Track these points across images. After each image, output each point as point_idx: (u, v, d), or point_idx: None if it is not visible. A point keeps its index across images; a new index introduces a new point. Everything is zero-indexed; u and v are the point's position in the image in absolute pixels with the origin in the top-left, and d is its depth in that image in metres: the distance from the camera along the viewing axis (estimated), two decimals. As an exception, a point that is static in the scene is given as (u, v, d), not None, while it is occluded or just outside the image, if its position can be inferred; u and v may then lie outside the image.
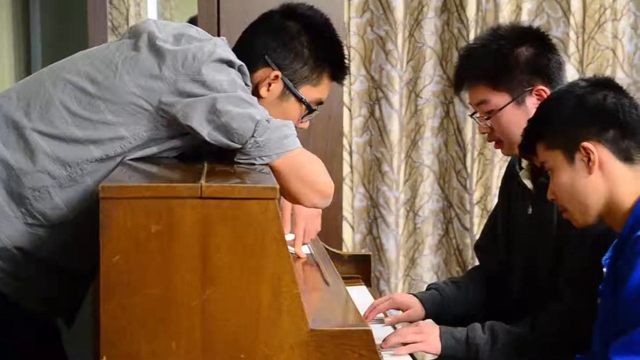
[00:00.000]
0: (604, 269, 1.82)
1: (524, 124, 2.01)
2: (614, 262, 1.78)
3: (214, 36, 1.97)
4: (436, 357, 2.09)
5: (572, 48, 3.42)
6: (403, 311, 2.25)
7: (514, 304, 2.20)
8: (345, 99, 3.37)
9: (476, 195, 3.45)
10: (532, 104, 2.08)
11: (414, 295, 2.29)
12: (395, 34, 3.35)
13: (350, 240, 3.45)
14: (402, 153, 3.44)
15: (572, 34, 3.41)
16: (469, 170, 3.42)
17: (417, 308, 2.25)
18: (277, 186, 1.58)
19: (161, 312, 1.55)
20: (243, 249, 1.56)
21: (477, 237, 3.39)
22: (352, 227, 3.45)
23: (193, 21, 3.15)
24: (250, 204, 1.56)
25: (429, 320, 2.20)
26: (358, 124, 3.43)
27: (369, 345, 1.60)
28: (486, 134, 2.18)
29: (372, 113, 3.43)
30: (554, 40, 3.36)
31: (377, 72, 3.40)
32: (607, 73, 3.41)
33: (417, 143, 3.45)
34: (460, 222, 3.46)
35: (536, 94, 2.08)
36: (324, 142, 3.23)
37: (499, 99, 2.10)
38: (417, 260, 3.50)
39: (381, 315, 2.22)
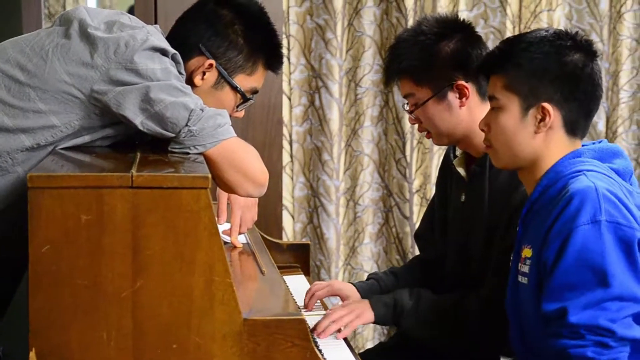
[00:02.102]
0: (518, 229, 1.87)
1: (447, 117, 2.06)
2: (523, 218, 1.83)
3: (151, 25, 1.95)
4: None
5: (509, 38, 3.45)
6: (342, 300, 2.26)
7: (448, 289, 2.23)
8: (285, 87, 3.36)
9: (415, 184, 3.47)
10: (454, 98, 2.11)
11: (353, 284, 2.31)
12: (334, 22, 3.35)
13: (291, 230, 3.45)
14: (342, 142, 3.45)
15: (508, 24, 3.45)
16: (408, 159, 3.44)
17: (356, 297, 2.26)
18: (209, 175, 1.57)
19: (91, 303, 1.53)
20: (175, 239, 1.55)
21: (417, 225, 3.43)
22: (293, 216, 3.46)
23: (131, 10, 3.12)
24: (181, 193, 1.55)
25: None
26: (298, 112, 3.43)
27: (303, 334, 1.61)
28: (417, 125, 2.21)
29: (312, 102, 3.43)
30: (491, 30, 3.46)
31: (317, 61, 3.40)
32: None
33: (357, 132, 3.46)
34: (400, 210, 3.48)
35: (457, 89, 2.10)
36: (263, 131, 3.22)
37: (421, 93, 2.12)
38: (357, 249, 3.51)
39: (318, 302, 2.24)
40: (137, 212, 1.54)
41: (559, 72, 1.79)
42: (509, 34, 3.45)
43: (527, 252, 1.80)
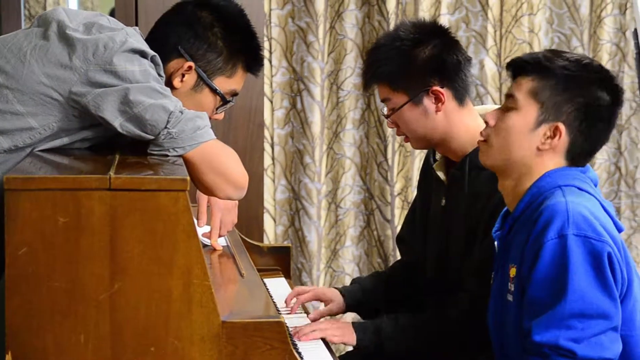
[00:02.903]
0: (495, 242, 1.85)
1: (423, 122, 2.07)
2: (506, 236, 1.82)
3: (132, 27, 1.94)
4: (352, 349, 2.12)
5: (490, 42, 3.47)
6: (325, 304, 2.27)
7: (429, 292, 2.24)
8: (267, 90, 3.36)
9: (397, 187, 3.48)
10: (430, 103, 2.11)
11: (337, 289, 2.32)
12: (316, 25, 3.36)
13: (272, 232, 3.45)
14: (324, 145, 3.45)
15: (490, 28, 3.47)
16: (390, 162, 3.44)
17: (339, 301, 2.28)
18: (188, 178, 1.57)
19: (69, 306, 1.52)
20: (153, 241, 1.55)
21: (398, 228, 3.44)
22: (274, 219, 3.45)
23: (112, 13, 3.11)
24: (159, 195, 1.54)
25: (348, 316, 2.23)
26: (280, 115, 3.43)
27: (281, 337, 1.61)
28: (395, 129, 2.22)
29: (293, 105, 3.43)
30: (472, 34, 3.47)
31: (299, 64, 3.40)
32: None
33: (338, 135, 3.46)
34: (382, 213, 3.48)
35: (433, 95, 2.11)
36: (244, 134, 3.22)
37: (397, 98, 2.13)
38: (338, 251, 3.51)
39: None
40: (115, 214, 1.53)
41: (589, 102, 1.77)
42: (490, 37, 3.47)
43: (513, 271, 1.79)
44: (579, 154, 1.80)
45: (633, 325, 1.73)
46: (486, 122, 1.85)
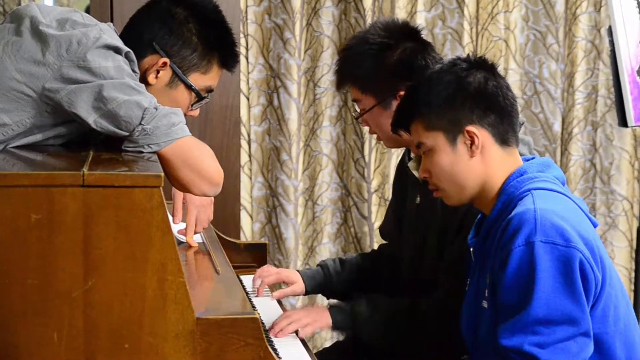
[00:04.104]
0: (471, 249, 1.86)
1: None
2: (482, 244, 1.83)
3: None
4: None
5: (466, 39, 3.48)
6: (287, 285, 2.34)
7: (404, 288, 2.25)
8: (243, 87, 3.36)
9: (374, 184, 3.48)
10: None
11: (298, 271, 2.38)
12: (292, 22, 3.35)
13: (249, 230, 3.45)
14: (301, 142, 3.45)
15: (466, 25, 3.48)
16: (366, 159, 3.45)
17: (300, 283, 2.34)
18: (162, 174, 1.56)
19: (42, 303, 1.52)
20: (127, 238, 1.54)
21: (375, 225, 3.45)
22: (251, 216, 3.45)
23: (88, 10, 3.09)
24: (133, 192, 1.54)
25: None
26: (256, 112, 3.43)
27: (256, 333, 1.60)
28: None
29: (270, 102, 3.42)
30: (449, 31, 3.48)
31: (275, 61, 3.40)
32: (500, 63, 3.49)
33: (315, 132, 3.46)
34: (359, 210, 3.49)
35: (399, 98, 2.13)
36: (221, 131, 3.21)
37: (366, 100, 2.16)
38: (316, 248, 3.51)
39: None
40: (89, 211, 1.52)
41: (466, 93, 1.82)
42: (466, 35, 3.48)
43: (489, 277, 1.80)
44: (505, 132, 1.83)
45: (607, 321, 1.74)
46: (424, 178, 1.89)
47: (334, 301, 2.31)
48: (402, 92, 2.10)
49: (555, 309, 1.66)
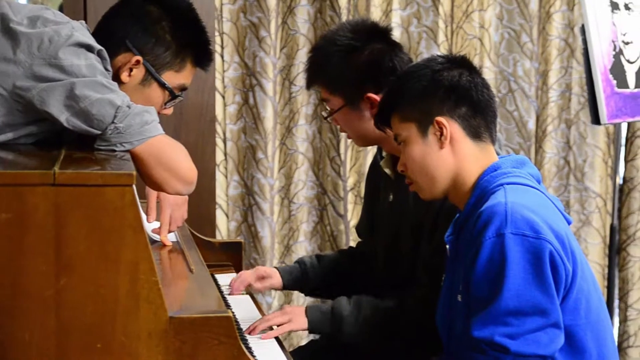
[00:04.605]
0: (447, 246, 1.87)
1: (359, 125, 2.11)
2: (456, 239, 1.84)
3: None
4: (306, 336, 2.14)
5: (441, 37, 3.49)
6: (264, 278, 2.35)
7: (379, 286, 2.25)
8: (219, 85, 3.35)
9: (350, 182, 3.49)
10: (365, 108, 2.14)
11: (276, 268, 2.39)
12: (268, 20, 3.35)
13: (225, 228, 3.44)
14: (277, 140, 3.44)
15: (441, 23, 3.49)
16: (342, 157, 3.45)
17: (278, 277, 2.35)
18: (134, 172, 1.55)
19: (12, 303, 1.50)
20: (99, 237, 1.53)
21: (352, 223, 3.46)
22: (227, 215, 3.44)
23: (61, 8, 3.07)
24: (105, 190, 1.53)
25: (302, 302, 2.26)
26: (232, 111, 3.42)
27: (229, 332, 1.60)
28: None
29: (246, 100, 3.42)
30: (424, 29, 3.49)
31: (251, 59, 3.39)
32: (475, 62, 3.50)
33: (291, 130, 3.46)
34: (335, 208, 3.49)
35: (369, 100, 2.14)
36: (196, 129, 3.20)
37: (334, 101, 2.18)
38: (292, 247, 3.51)
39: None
40: (60, 210, 1.51)
41: (440, 85, 1.85)
42: (441, 33, 3.49)
43: (462, 270, 1.81)
44: (477, 126, 1.85)
45: (578, 314, 1.75)
46: (402, 171, 1.91)
47: (310, 299, 2.32)
48: (369, 94, 2.12)
49: (525, 300, 1.68)
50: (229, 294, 2.27)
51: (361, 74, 2.12)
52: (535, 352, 1.70)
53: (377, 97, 2.12)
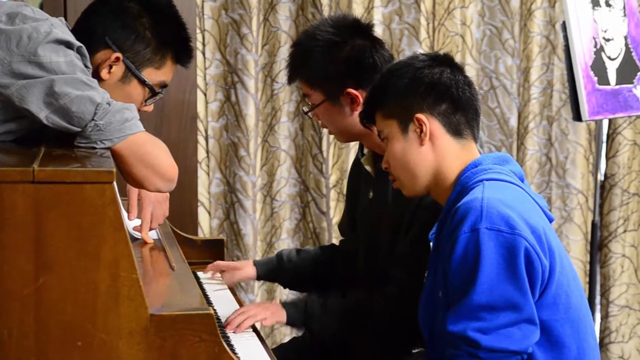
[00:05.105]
0: (431, 244, 1.88)
1: (340, 120, 2.12)
2: (438, 236, 1.84)
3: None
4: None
5: (423, 34, 3.50)
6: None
7: (360, 283, 2.26)
8: (200, 83, 3.34)
9: (332, 179, 3.49)
10: (346, 103, 2.15)
11: (254, 261, 2.43)
12: (249, 18, 3.34)
13: (207, 226, 3.43)
14: (259, 138, 3.44)
15: (422, 20, 3.49)
16: (325, 154, 3.45)
17: (251, 267, 2.39)
18: (114, 170, 1.55)
19: (-8, 301, 1.49)
20: (79, 235, 1.52)
21: (334, 220, 3.45)
22: (209, 213, 3.43)
23: (42, 5, 3.05)
24: (85, 188, 1.52)
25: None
26: (214, 108, 3.41)
27: (210, 329, 1.60)
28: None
29: (228, 97, 3.41)
30: (405, 26, 3.49)
31: (233, 56, 3.38)
32: (457, 58, 3.48)
33: (273, 127, 3.45)
34: (317, 206, 3.49)
35: (349, 96, 2.14)
36: (178, 127, 3.19)
37: (315, 96, 2.18)
38: (274, 244, 3.51)
39: None
40: (40, 207, 1.50)
41: (421, 83, 1.86)
42: (423, 30, 3.49)
43: (442, 266, 1.82)
44: (457, 123, 1.86)
45: (557, 309, 1.76)
46: (385, 169, 1.92)
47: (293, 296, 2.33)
48: (350, 89, 2.12)
49: (498, 294, 1.68)
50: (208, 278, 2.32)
51: (342, 69, 2.13)
52: (507, 348, 1.70)
53: (357, 93, 2.12)
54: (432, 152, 1.85)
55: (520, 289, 1.69)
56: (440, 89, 1.85)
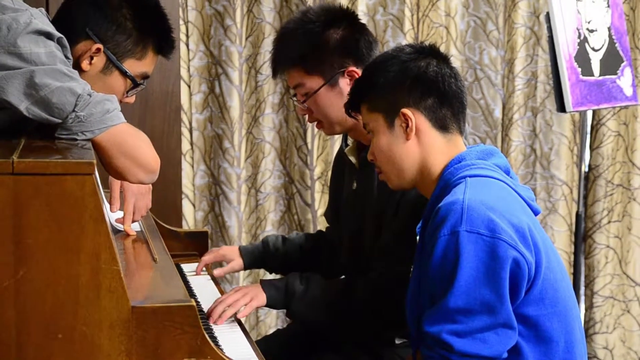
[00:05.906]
0: (417, 237, 1.87)
1: (339, 104, 2.06)
2: (424, 230, 1.84)
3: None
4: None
5: (407, 25, 3.49)
6: (227, 263, 2.39)
7: (344, 273, 2.26)
8: (184, 74, 3.33)
9: (317, 171, 3.48)
10: (345, 84, 2.12)
11: (240, 247, 2.42)
12: (233, 9, 3.33)
13: (192, 218, 3.42)
14: (243, 129, 3.43)
15: (407, 12, 3.48)
16: (309, 146, 3.44)
17: (239, 260, 2.39)
18: (94, 161, 1.54)
19: (-29, 294, 1.48)
20: (59, 227, 1.51)
21: (319, 212, 3.45)
22: (194, 205, 3.42)
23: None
24: (65, 179, 1.51)
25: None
26: (198, 100, 3.40)
27: (192, 321, 1.59)
28: (307, 115, 2.21)
29: (212, 89, 3.40)
30: (390, 18, 3.48)
31: (216, 48, 3.37)
32: (441, 50, 3.49)
33: (257, 119, 3.44)
34: (302, 197, 3.48)
35: (348, 75, 2.12)
36: (161, 118, 3.18)
37: (312, 82, 2.13)
38: (259, 236, 3.50)
39: None
40: (19, 199, 1.49)
41: (407, 77, 1.84)
42: (407, 21, 3.49)
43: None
44: (443, 118, 1.85)
45: (543, 304, 1.75)
46: (371, 161, 1.92)
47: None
48: (350, 68, 2.10)
49: (474, 298, 1.67)
50: (194, 274, 2.33)
51: (340, 48, 2.10)
52: (479, 353, 1.68)
53: (358, 70, 2.10)
54: (418, 146, 1.84)
55: (497, 292, 1.67)
56: (426, 83, 1.84)
